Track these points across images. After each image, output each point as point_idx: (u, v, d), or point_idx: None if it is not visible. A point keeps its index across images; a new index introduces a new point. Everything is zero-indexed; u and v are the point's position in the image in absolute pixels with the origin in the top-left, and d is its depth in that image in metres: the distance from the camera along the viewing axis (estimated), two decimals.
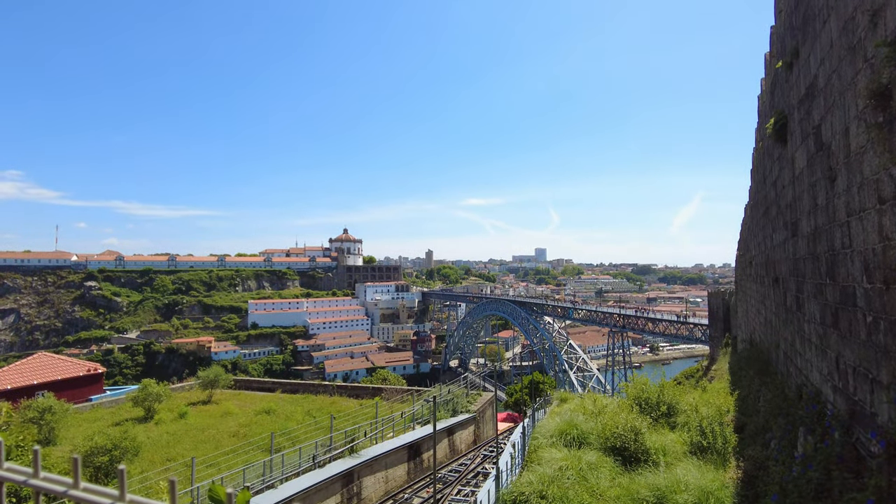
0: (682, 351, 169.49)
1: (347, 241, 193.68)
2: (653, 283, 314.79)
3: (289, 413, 31.73)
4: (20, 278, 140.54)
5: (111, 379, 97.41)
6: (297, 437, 22.47)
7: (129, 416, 32.28)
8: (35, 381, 34.67)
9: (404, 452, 21.78)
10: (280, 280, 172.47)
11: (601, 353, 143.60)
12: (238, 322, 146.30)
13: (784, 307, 8.76)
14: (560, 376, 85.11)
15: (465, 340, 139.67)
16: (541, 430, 13.42)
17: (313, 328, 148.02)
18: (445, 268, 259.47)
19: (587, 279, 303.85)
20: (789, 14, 7.32)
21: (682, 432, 11.55)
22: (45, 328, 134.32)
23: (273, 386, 42.51)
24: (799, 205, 7.06)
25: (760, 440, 8.13)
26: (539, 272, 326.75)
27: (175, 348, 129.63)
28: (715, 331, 37.27)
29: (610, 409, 14.03)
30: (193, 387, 41.47)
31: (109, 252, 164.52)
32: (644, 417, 12.34)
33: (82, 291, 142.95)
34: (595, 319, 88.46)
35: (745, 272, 18.08)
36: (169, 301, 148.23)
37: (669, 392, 13.56)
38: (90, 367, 40.73)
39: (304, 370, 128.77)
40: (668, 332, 70.71)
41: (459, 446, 26.64)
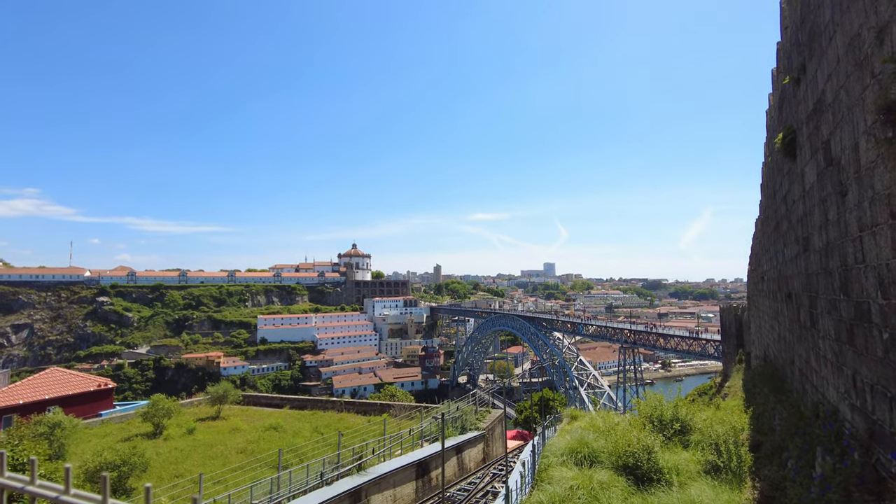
0: (695, 367, 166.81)
1: (356, 256, 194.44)
2: (663, 299, 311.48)
3: (297, 429, 31.58)
4: (34, 293, 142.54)
5: (121, 394, 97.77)
6: (304, 453, 22.32)
7: (139, 432, 32.30)
8: (47, 396, 34.91)
9: (412, 470, 21.52)
10: (289, 295, 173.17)
11: (612, 369, 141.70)
12: (247, 337, 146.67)
13: (798, 323, 8.63)
14: (570, 393, 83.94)
15: (474, 356, 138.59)
16: (551, 448, 13.21)
17: (322, 343, 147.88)
18: (454, 283, 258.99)
19: (597, 294, 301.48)
20: (795, 30, 7.36)
21: (696, 451, 11.30)
22: (58, 343, 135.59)
23: (281, 402, 42.42)
24: (810, 220, 7.01)
25: (777, 460, 7.94)
26: (548, 287, 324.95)
27: (184, 363, 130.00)
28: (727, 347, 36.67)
29: (621, 426, 13.79)
30: (202, 402, 41.50)
31: (122, 267, 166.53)
32: (657, 435, 12.10)
33: (94, 307, 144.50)
34: (605, 335, 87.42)
35: (758, 287, 17.85)
36: (179, 316, 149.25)
37: (683, 409, 13.31)
38: (101, 382, 40.99)
39: (312, 386, 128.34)
40: (680, 347, 69.65)
41: (468, 464, 26.27)
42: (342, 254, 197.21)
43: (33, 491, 0.97)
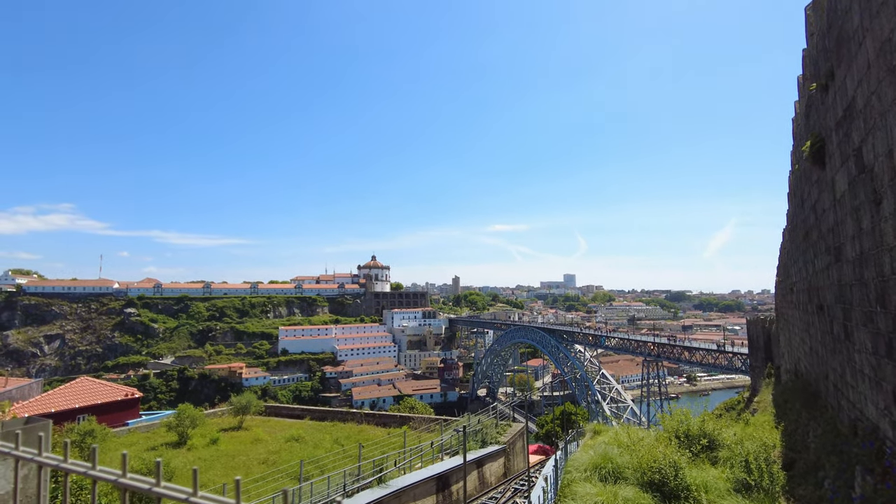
0: (721, 381, 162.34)
1: (375, 267, 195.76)
2: (688, 311, 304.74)
3: (317, 441, 31.68)
4: (66, 305, 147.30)
5: (146, 404, 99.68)
6: (325, 465, 22.36)
7: (164, 441, 32.84)
8: (77, 405, 35.85)
9: (433, 484, 21.33)
10: (310, 306, 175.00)
11: (635, 382, 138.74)
12: (269, 348, 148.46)
13: (831, 336, 8.34)
14: (593, 407, 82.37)
15: (493, 369, 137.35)
16: (574, 463, 12.96)
17: (341, 354, 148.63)
18: (472, 294, 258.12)
19: (619, 306, 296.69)
20: (822, 36, 7.23)
21: (725, 468, 10.94)
22: (87, 353, 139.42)
23: (302, 413, 42.67)
24: (842, 229, 6.81)
25: (812, 479, 7.63)
26: (568, 299, 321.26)
27: (208, 374, 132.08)
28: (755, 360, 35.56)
29: (646, 441, 13.46)
30: (225, 413, 42.03)
31: (148, 280, 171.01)
32: (683, 451, 11.77)
33: (122, 318, 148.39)
34: (628, 348, 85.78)
35: (786, 299, 17.33)
36: (203, 327, 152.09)
37: (710, 424, 12.94)
38: (128, 391, 41.90)
39: (331, 397, 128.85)
40: (706, 361, 67.87)
41: (489, 479, 25.92)
42: (362, 265, 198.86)
43: (96, 475, 1.00)
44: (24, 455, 1.19)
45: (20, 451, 1.23)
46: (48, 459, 1.11)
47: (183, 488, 1.09)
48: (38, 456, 1.12)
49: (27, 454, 1.18)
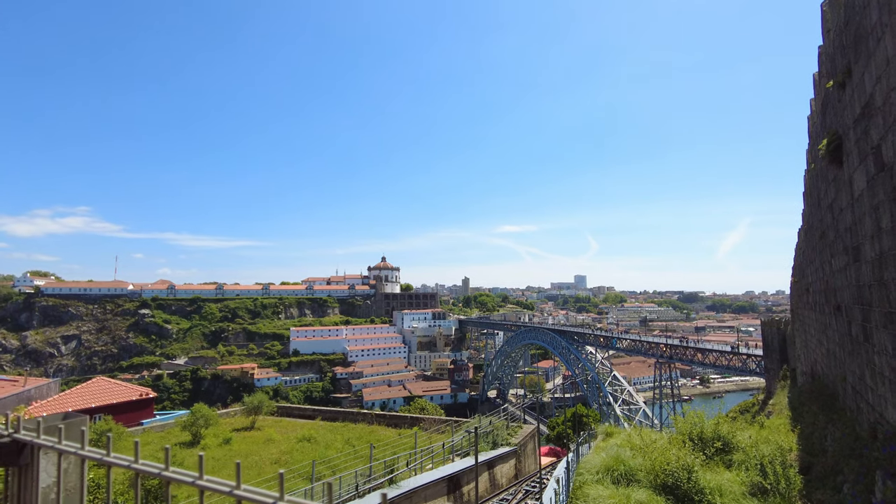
0: (735, 383, 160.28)
1: (385, 268, 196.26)
2: (700, 312, 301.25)
3: (329, 441, 31.84)
4: (83, 306, 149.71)
5: (160, 404, 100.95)
6: (336, 465, 22.47)
7: (178, 441, 33.25)
8: (93, 405, 36.42)
9: (444, 485, 21.32)
10: (321, 308, 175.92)
11: (647, 384, 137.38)
12: (280, 349, 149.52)
13: (849, 337, 8.21)
14: (604, 409, 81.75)
15: (504, 370, 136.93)
16: (586, 465, 12.89)
17: (352, 355, 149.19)
18: (482, 295, 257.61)
19: (630, 307, 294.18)
20: (839, 33, 7.14)
21: (740, 471, 10.82)
22: (103, 354, 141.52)
23: (313, 413, 42.90)
24: (860, 228, 6.71)
25: (830, 483, 7.52)
26: (579, 300, 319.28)
27: (220, 374, 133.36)
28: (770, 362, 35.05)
29: (659, 444, 13.33)
30: (238, 413, 42.41)
31: (162, 281, 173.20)
32: (697, 454, 11.66)
33: (136, 319, 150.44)
34: (640, 349, 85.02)
35: (802, 300, 17.08)
36: (216, 328, 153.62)
37: (724, 427, 12.79)
38: (142, 391, 42.47)
39: (342, 398, 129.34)
40: (720, 363, 67.02)
41: (500, 480, 25.85)
42: (372, 266, 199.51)
43: (139, 469, 1.04)
44: (67, 448, 1.24)
45: (63, 445, 1.28)
46: (91, 452, 1.14)
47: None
48: (80, 449, 1.17)
49: (70, 448, 1.22)
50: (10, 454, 1.46)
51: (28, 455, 1.44)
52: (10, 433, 1.47)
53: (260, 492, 0.96)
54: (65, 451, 1.23)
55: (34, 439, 1.39)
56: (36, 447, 1.38)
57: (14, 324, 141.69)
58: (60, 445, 1.28)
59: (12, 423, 1.49)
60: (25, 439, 1.41)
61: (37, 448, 1.38)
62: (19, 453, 1.47)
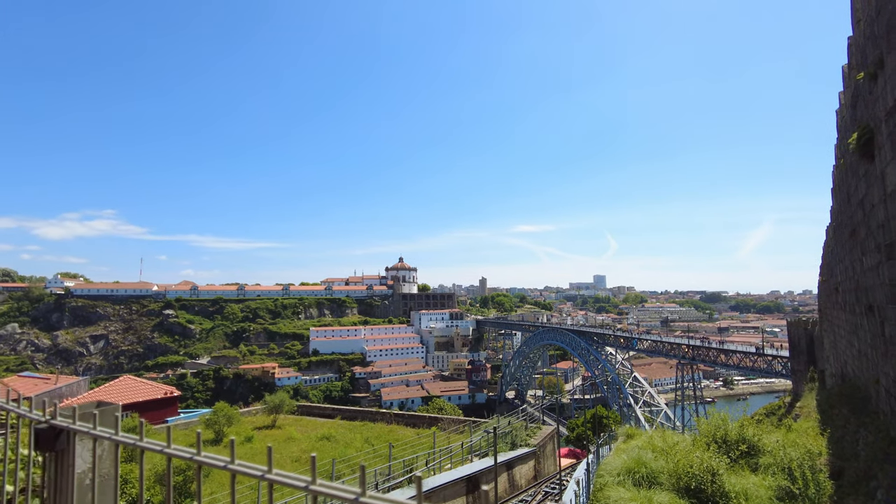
0: (761, 385, 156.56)
1: (403, 269, 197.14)
2: (724, 312, 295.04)
3: (348, 440, 32.11)
4: (110, 307, 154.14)
5: (183, 402, 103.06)
6: (356, 463, 22.64)
7: (202, 438, 33.92)
8: (121, 402, 37.32)
9: (462, 485, 21.31)
10: (340, 308, 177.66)
11: (669, 386, 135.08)
12: (300, 349, 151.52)
13: (882, 338, 7.94)
14: (625, 411, 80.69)
15: (522, 371, 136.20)
16: (606, 467, 12.73)
17: (370, 355, 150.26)
18: (500, 295, 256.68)
19: (651, 307, 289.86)
20: (870, 23, 6.91)
21: (766, 475, 10.56)
22: (129, 353, 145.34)
23: (333, 412, 43.33)
24: (894, 225, 6.48)
25: (863, 489, 7.28)
26: (598, 300, 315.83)
27: (242, 374, 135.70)
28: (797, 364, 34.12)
29: (682, 446, 13.10)
30: (259, 411, 43.09)
31: (185, 282, 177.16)
32: (721, 457, 11.42)
33: (161, 319, 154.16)
34: (661, 350, 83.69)
35: (831, 299, 16.59)
36: (237, 328, 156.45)
37: (749, 429, 12.50)
38: (167, 390, 43.44)
39: (361, 397, 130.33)
40: (744, 364, 65.56)
41: (519, 481, 25.73)
42: (389, 267, 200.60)
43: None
44: (101, 434, 1.28)
45: (98, 431, 1.33)
46: (125, 438, 1.19)
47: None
48: (114, 435, 1.21)
49: (105, 433, 1.27)
50: (48, 440, 1.52)
51: (64, 441, 1.50)
52: (48, 419, 1.54)
53: (291, 475, 0.97)
54: (99, 437, 1.27)
55: (70, 425, 1.44)
56: (72, 433, 1.44)
57: (46, 323, 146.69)
58: (95, 431, 1.33)
59: (49, 410, 1.56)
60: (62, 425, 1.47)
61: (73, 434, 1.43)
62: (56, 439, 1.53)
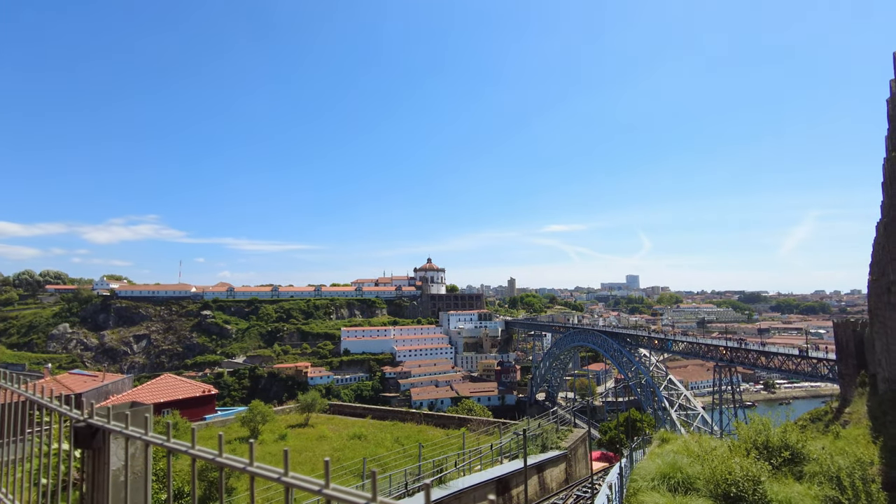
0: (805, 390, 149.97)
1: (431, 270, 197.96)
2: (763, 313, 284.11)
3: (379, 439, 32.44)
4: (151, 307, 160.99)
5: (220, 400, 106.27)
6: (386, 463, 22.85)
7: (237, 436, 34.93)
8: (162, 400, 38.92)
9: (492, 487, 21.20)
10: (369, 308, 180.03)
11: (705, 389, 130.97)
12: (332, 348, 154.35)
13: None
14: (659, 414, 78.65)
15: (552, 372, 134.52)
16: (640, 471, 12.43)
17: (400, 355, 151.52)
18: (529, 296, 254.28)
19: (686, 308, 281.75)
20: None
21: (812, 484, 10.09)
22: (170, 352, 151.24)
23: (364, 412, 43.86)
24: None
25: None
26: (631, 301, 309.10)
27: (276, 373, 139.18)
28: (845, 367, 32.49)
29: (720, 451, 12.66)
30: (292, 410, 44.06)
31: (222, 284, 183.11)
32: (762, 464, 10.98)
33: (199, 319, 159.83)
34: (697, 352, 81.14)
35: (883, 299, 15.72)
36: (271, 328, 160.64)
37: (793, 436, 11.98)
38: (205, 388, 44.90)
39: (391, 397, 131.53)
40: (786, 367, 62.82)
41: (550, 484, 25.40)
42: (418, 268, 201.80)
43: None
44: (132, 433, 1.34)
45: (130, 430, 1.38)
46: (153, 438, 1.23)
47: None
48: (144, 434, 1.26)
49: (135, 433, 1.32)
50: (86, 437, 1.60)
51: (100, 439, 1.58)
52: (86, 418, 1.61)
53: (306, 479, 0.98)
54: (131, 436, 1.32)
55: (105, 424, 1.51)
56: (106, 431, 1.50)
57: (93, 323, 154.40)
58: (127, 430, 1.38)
59: (87, 409, 1.64)
60: (98, 424, 1.54)
61: (107, 432, 1.50)
62: (93, 437, 1.60)
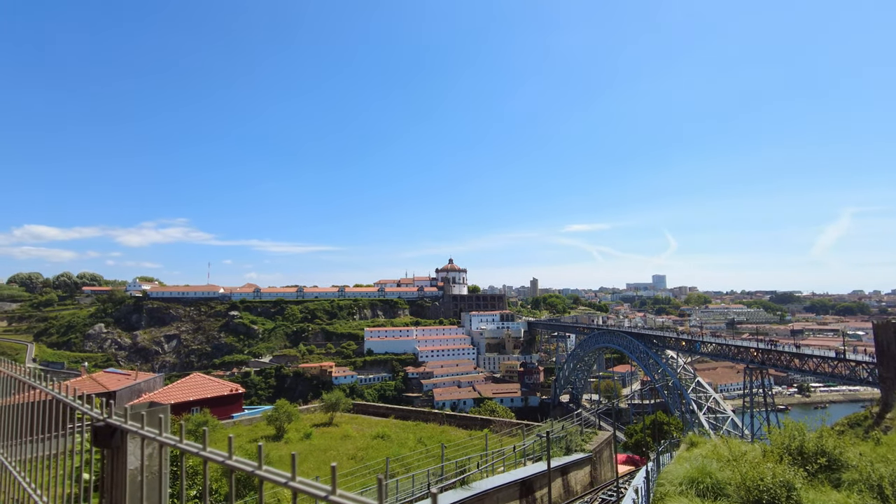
0: (842, 394, 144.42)
1: (452, 270, 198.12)
2: (797, 314, 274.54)
3: (402, 440, 32.59)
4: (181, 308, 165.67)
5: (247, 399, 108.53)
6: (409, 463, 22.93)
7: (264, 434, 35.57)
8: (191, 398, 39.96)
9: (516, 489, 21.05)
10: (392, 309, 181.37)
11: (735, 392, 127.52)
12: (355, 348, 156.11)
13: None
14: (687, 417, 76.87)
15: (576, 374, 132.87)
16: (667, 476, 12.15)
17: (422, 356, 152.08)
18: (552, 297, 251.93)
19: (715, 309, 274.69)
20: None
21: (851, 493, 9.68)
22: (199, 352, 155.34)
23: (387, 411, 44.14)
24: None
25: None
26: (658, 301, 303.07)
27: (301, 372, 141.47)
28: (887, 371, 31.18)
29: (751, 456, 12.27)
30: (317, 409, 44.65)
31: (249, 285, 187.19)
32: (797, 470, 10.59)
33: (227, 320, 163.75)
34: (727, 354, 78.97)
35: None
36: (297, 328, 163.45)
37: (829, 441, 11.53)
38: (232, 387, 45.88)
39: (414, 397, 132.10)
40: (822, 370, 60.57)
41: (574, 487, 25.08)
42: (439, 269, 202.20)
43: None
44: (147, 434, 1.37)
45: (145, 431, 1.41)
46: (167, 439, 1.26)
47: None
48: (158, 435, 1.28)
49: (150, 433, 1.35)
50: (105, 437, 1.65)
51: (119, 438, 1.62)
52: (105, 418, 1.66)
53: (314, 484, 0.97)
54: (146, 437, 1.35)
55: (122, 424, 1.55)
56: (124, 431, 1.54)
57: (127, 324, 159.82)
58: (143, 431, 1.41)
59: (106, 409, 1.69)
60: (116, 424, 1.58)
61: (125, 432, 1.54)
62: (111, 436, 1.65)
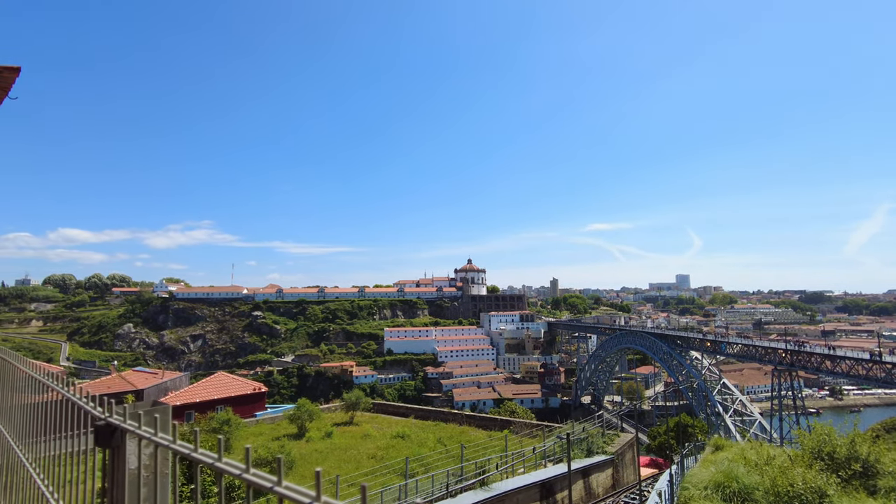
0: (878, 397, 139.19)
1: (472, 270, 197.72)
2: (828, 314, 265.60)
3: (422, 439, 32.63)
4: (206, 308, 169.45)
5: (270, 398, 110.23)
6: (429, 463, 22.93)
7: (286, 433, 36.06)
8: (216, 397, 40.76)
9: (536, 491, 20.85)
10: (411, 309, 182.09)
11: (763, 394, 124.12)
12: (375, 348, 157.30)
13: None
14: (712, 420, 75.15)
15: (598, 375, 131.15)
16: (691, 479, 11.85)
17: (441, 356, 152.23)
18: (572, 297, 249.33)
19: (742, 309, 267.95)
20: None
21: (888, 501, 9.28)
22: (223, 351, 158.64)
23: (407, 411, 44.27)
24: None
25: None
26: (682, 301, 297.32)
27: (322, 371, 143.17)
28: None
29: (780, 461, 11.89)
30: (338, 408, 45.07)
31: (271, 285, 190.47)
32: (829, 476, 10.21)
33: (250, 320, 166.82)
34: (754, 355, 76.91)
35: None
36: (318, 328, 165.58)
37: (863, 447, 11.08)
38: (256, 386, 46.63)
39: (433, 397, 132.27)
40: (855, 372, 58.53)
41: (596, 490, 24.72)
42: (458, 269, 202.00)
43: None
44: (144, 433, 1.36)
45: (142, 430, 1.41)
46: (161, 439, 1.25)
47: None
48: (154, 435, 1.27)
49: (146, 433, 1.34)
50: (105, 436, 1.65)
51: (118, 438, 1.62)
52: (105, 417, 1.67)
53: (299, 489, 0.94)
54: (142, 436, 1.35)
55: (121, 423, 1.55)
56: (123, 431, 1.54)
57: (154, 324, 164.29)
58: (140, 430, 1.41)
59: (107, 407, 1.69)
60: (116, 423, 1.58)
61: (124, 432, 1.54)
62: (112, 436, 1.65)
